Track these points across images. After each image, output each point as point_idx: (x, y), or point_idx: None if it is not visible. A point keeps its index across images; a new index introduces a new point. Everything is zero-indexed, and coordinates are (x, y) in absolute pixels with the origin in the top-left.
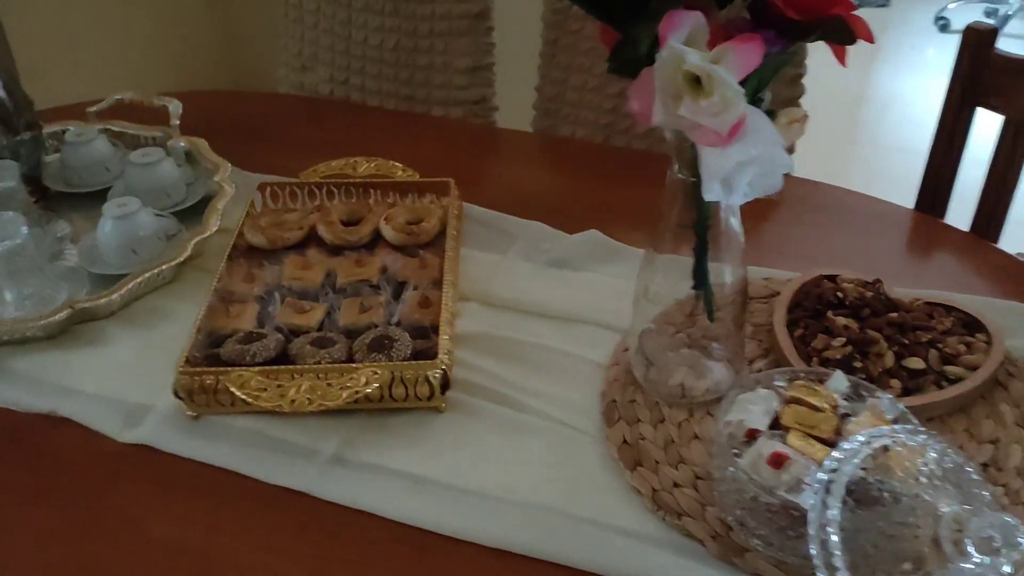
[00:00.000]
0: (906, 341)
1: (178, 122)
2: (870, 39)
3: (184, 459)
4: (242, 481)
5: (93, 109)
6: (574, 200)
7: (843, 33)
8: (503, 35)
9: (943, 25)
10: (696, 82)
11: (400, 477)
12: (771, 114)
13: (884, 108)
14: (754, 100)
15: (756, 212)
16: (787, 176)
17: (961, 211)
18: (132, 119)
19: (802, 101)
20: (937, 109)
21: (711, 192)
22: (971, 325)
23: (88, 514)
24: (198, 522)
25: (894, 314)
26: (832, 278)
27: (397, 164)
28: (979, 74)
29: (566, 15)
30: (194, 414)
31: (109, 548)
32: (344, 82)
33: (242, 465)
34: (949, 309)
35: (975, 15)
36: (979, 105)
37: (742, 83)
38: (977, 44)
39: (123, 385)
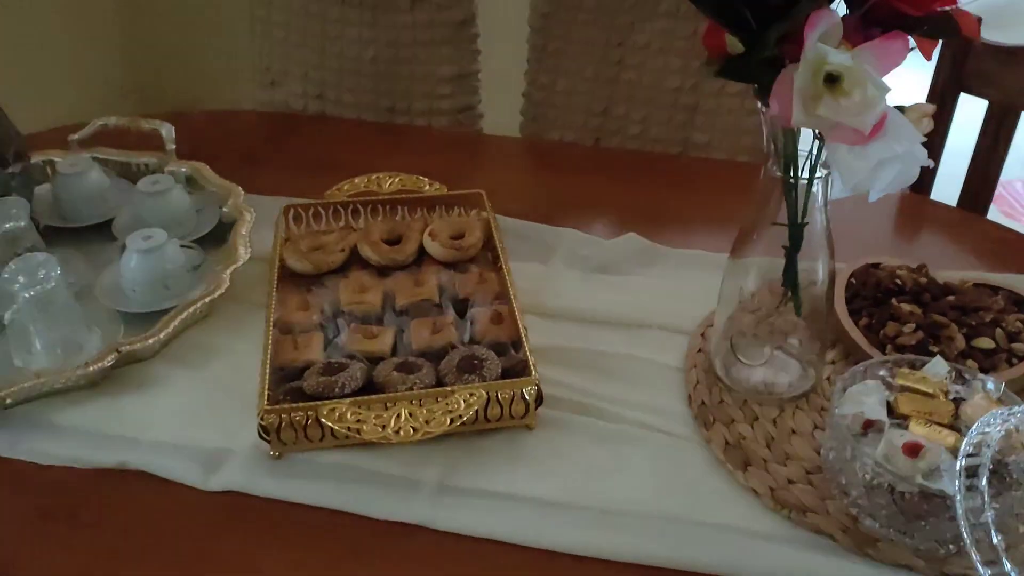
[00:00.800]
0: (972, 322)
1: (174, 147)
2: (976, 35)
3: (279, 502)
4: (347, 518)
5: (75, 137)
6: (581, 203)
7: (950, 28)
8: (486, 42)
9: None
10: (834, 82)
11: (511, 499)
12: (899, 110)
13: None
14: None
15: (737, 204)
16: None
17: (946, 194)
18: (111, 145)
19: None
20: (914, 97)
21: (847, 191)
22: (1018, 303)
23: (199, 568)
24: (316, 565)
25: (951, 297)
26: (876, 266)
27: (422, 178)
28: (963, 61)
29: (553, 20)
30: (277, 454)
31: None
32: (318, 96)
33: (345, 502)
34: (995, 289)
35: None
36: (963, 91)
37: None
38: None
39: (190, 430)
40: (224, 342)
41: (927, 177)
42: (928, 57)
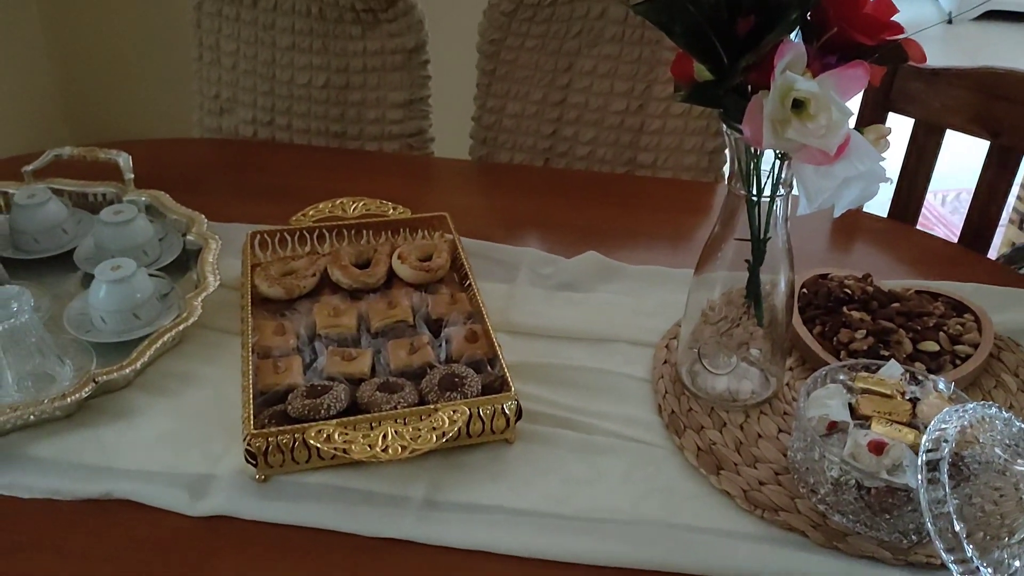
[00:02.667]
0: (917, 327)
1: (132, 176)
2: (923, 60)
3: (267, 524)
4: (335, 537)
5: (30, 168)
6: (534, 223)
7: (898, 55)
8: (435, 67)
9: None
10: (800, 107)
11: (495, 512)
12: (859, 133)
13: None
14: None
15: (685, 220)
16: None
17: (875, 209)
18: (64, 175)
19: None
20: None
21: (814, 204)
22: (957, 308)
23: None
24: None
25: (897, 304)
26: (824, 276)
27: (386, 202)
28: (891, 81)
29: (502, 45)
30: (263, 477)
31: None
32: (268, 123)
33: (334, 521)
34: (935, 296)
35: None
36: (891, 110)
37: None
38: None
39: (172, 456)
40: (198, 369)
41: None
42: (876, 83)
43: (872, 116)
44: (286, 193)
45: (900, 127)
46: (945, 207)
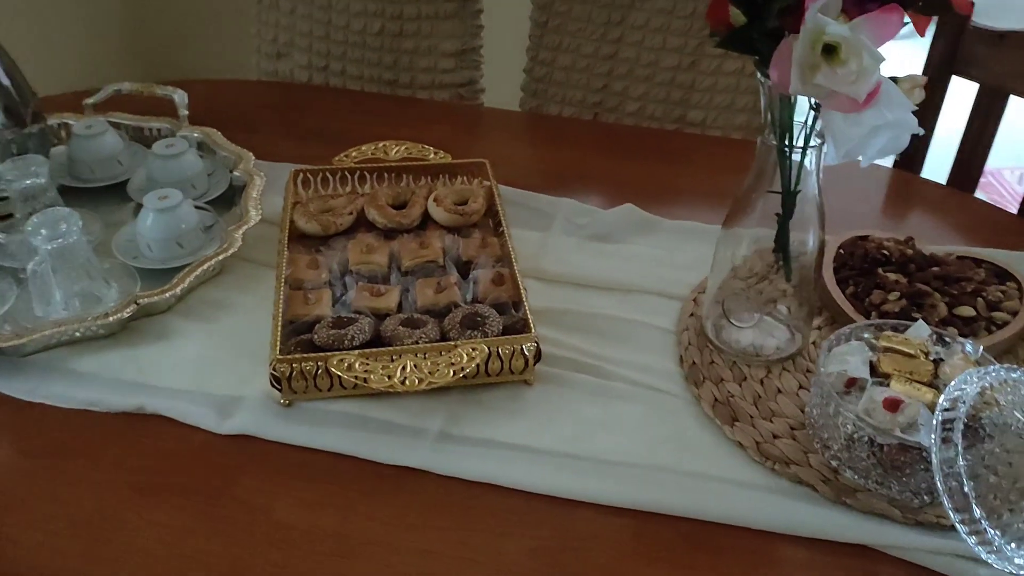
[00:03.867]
0: (954, 292)
1: (187, 112)
2: (968, 10)
3: (290, 446)
4: (355, 463)
5: (90, 101)
6: (577, 176)
7: (942, 4)
8: (489, 17)
9: None
10: (831, 52)
11: (511, 448)
12: (893, 80)
13: None
14: None
15: (730, 179)
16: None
17: (936, 174)
18: (124, 110)
19: None
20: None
21: (838, 157)
22: (1000, 275)
23: (213, 508)
24: (328, 505)
25: (936, 268)
26: (864, 238)
27: (428, 147)
28: (955, 45)
29: None
30: (287, 402)
31: (245, 538)
32: (323, 68)
33: (353, 447)
34: (978, 262)
35: None
36: (955, 74)
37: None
38: (954, 16)
39: (204, 378)
40: (235, 298)
41: (918, 156)
42: (922, 33)
43: (935, 78)
44: (335, 136)
45: (965, 92)
46: (1022, 185)
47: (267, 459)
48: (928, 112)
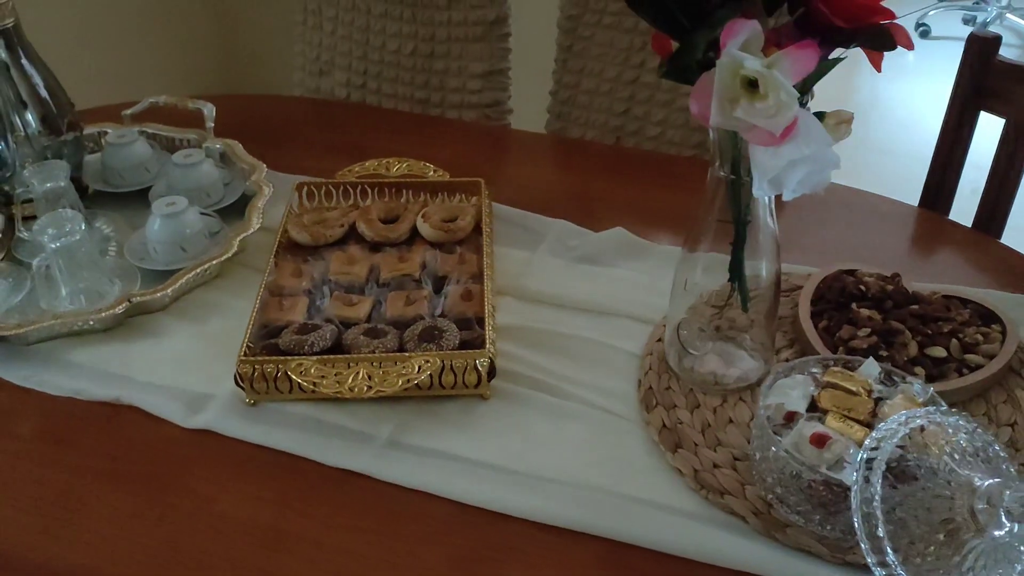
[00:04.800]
0: (928, 331)
1: (212, 124)
2: (909, 46)
3: (246, 444)
4: (303, 464)
5: (128, 112)
6: (590, 198)
7: (884, 40)
8: (517, 41)
9: (923, 31)
10: (752, 86)
11: (453, 460)
12: (819, 115)
13: (868, 113)
14: (800, 102)
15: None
16: None
17: (963, 211)
18: (164, 121)
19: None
20: (921, 113)
21: (761, 189)
22: (986, 317)
23: (164, 496)
24: (267, 501)
25: (915, 306)
26: (851, 272)
27: (428, 164)
28: (982, 79)
29: (579, 22)
30: (252, 401)
31: (187, 527)
32: (360, 86)
33: (303, 449)
34: (965, 302)
35: (954, 22)
36: (982, 109)
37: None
38: (980, 51)
39: (182, 375)
40: (228, 301)
41: (944, 192)
42: (877, 68)
43: (961, 114)
44: (359, 152)
45: (992, 128)
46: None
47: (223, 454)
48: (957, 149)
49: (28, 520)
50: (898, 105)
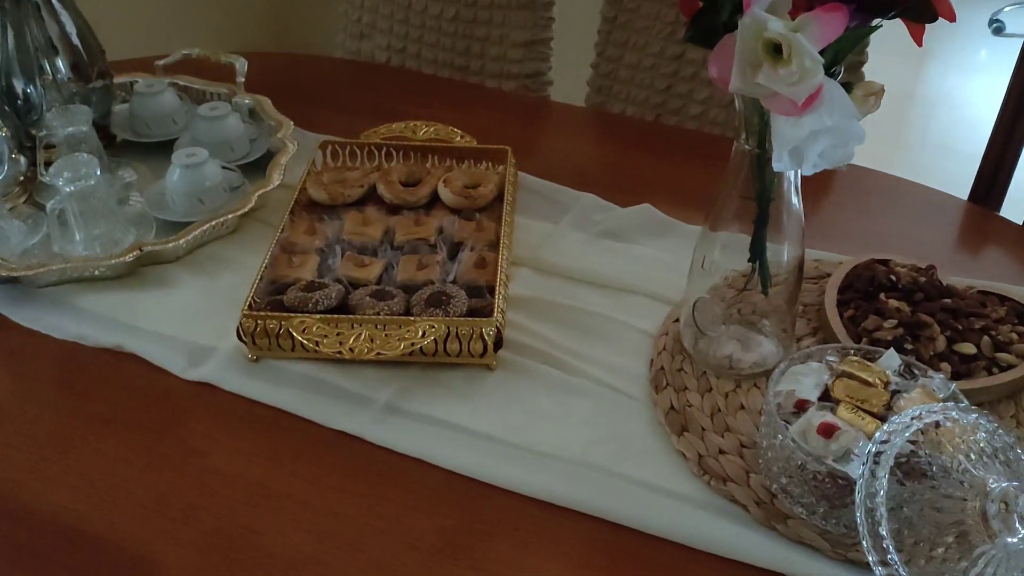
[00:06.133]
0: (959, 327)
1: (243, 79)
2: (952, 17)
3: (244, 399)
4: (300, 423)
5: (161, 63)
6: (624, 174)
7: (924, 10)
8: (561, 10)
9: (997, 28)
10: (775, 51)
11: (452, 429)
12: (847, 87)
13: (933, 108)
14: (829, 72)
15: (807, 195)
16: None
17: (1015, 211)
18: (197, 74)
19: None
20: (989, 111)
21: (781, 161)
22: (1022, 315)
23: (155, 446)
24: (258, 458)
25: (947, 300)
26: (884, 262)
27: (456, 130)
28: None
29: None
30: (254, 357)
31: (175, 479)
32: (401, 50)
33: (301, 408)
34: (1003, 299)
35: None
36: None
37: (820, 53)
38: None
39: (187, 326)
40: (240, 256)
41: (996, 189)
42: (918, 42)
43: (1017, 110)
44: (392, 116)
45: None
46: None
47: (219, 408)
48: (1011, 146)
49: (19, 457)
50: (966, 102)
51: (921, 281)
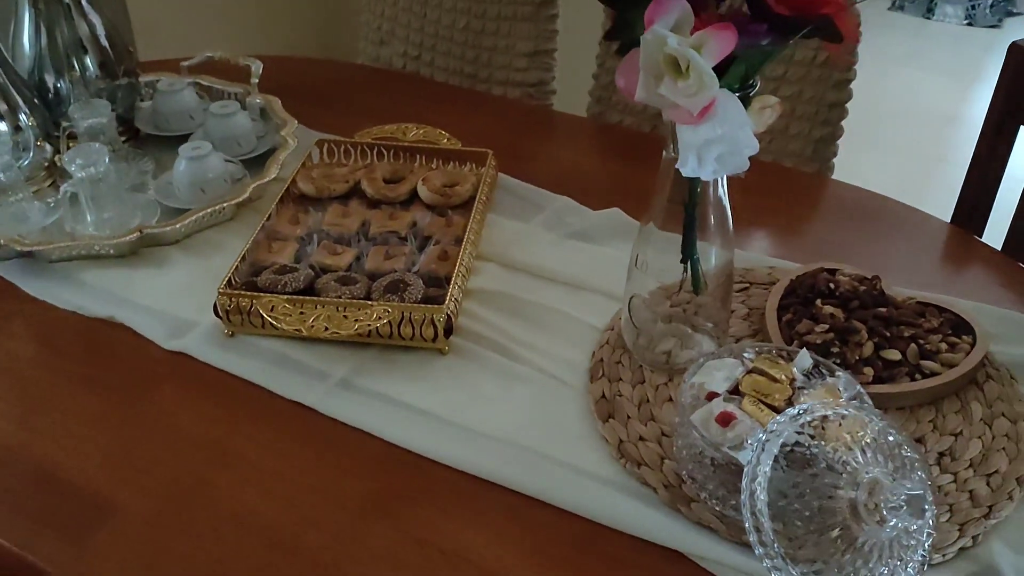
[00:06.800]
0: (888, 334)
1: (257, 80)
2: (855, 39)
3: (216, 369)
4: (262, 393)
5: (186, 64)
6: (607, 180)
7: (831, 32)
8: (567, 24)
9: None
10: (676, 65)
11: (399, 406)
12: (745, 100)
13: (976, 129)
14: (745, 85)
15: (793, 211)
16: (832, 180)
17: (1000, 229)
18: (220, 75)
19: (883, 113)
20: (973, 116)
21: (685, 165)
22: (960, 327)
23: (131, 406)
24: (220, 422)
25: (882, 309)
26: (833, 271)
27: (443, 132)
28: (1020, 90)
29: None
30: (230, 332)
31: (145, 436)
32: (416, 57)
33: (264, 379)
34: (942, 310)
35: None
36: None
37: (726, 69)
38: (1022, 61)
39: (175, 302)
40: (233, 242)
41: (980, 208)
42: (835, 59)
43: (999, 126)
44: (395, 118)
45: None
46: None
47: (193, 376)
48: (992, 164)
49: (8, 409)
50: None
51: (860, 290)
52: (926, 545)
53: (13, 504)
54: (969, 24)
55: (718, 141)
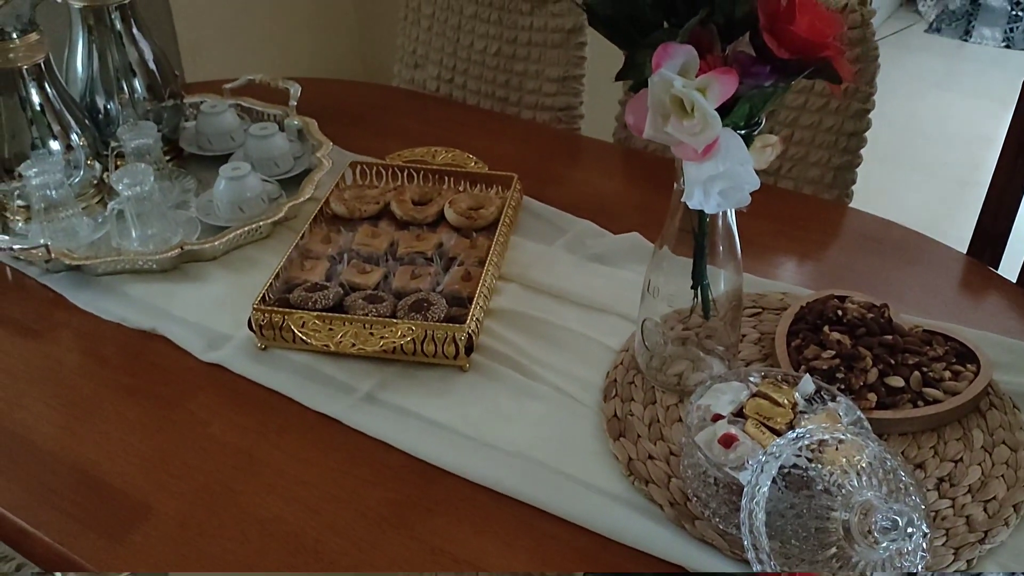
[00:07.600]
0: (892, 361)
1: (295, 103)
2: (852, 79)
3: (249, 381)
4: (291, 404)
5: (228, 86)
6: (629, 205)
7: (831, 74)
8: (596, 50)
9: None
10: (682, 105)
11: (420, 420)
12: (748, 139)
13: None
14: (750, 123)
15: (811, 238)
16: (850, 208)
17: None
18: (260, 97)
19: (917, 135)
20: (992, 142)
21: (691, 198)
22: (965, 356)
23: (168, 414)
24: (250, 430)
25: (888, 336)
26: (842, 298)
27: (471, 156)
28: None
29: None
30: (263, 346)
31: (178, 442)
32: (450, 80)
33: (293, 391)
34: (948, 339)
35: None
36: None
37: (731, 109)
38: None
39: (212, 316)
40: (269, 259)
41: (997, 234)
42: (837, 96)
43: (1019, 148)
44: (427, 140)
45: None
46: None
47: (226, 387)
48: (1008, 193)
49: (55, 416)
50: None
51: (868, 317)
52: (920, 567)
53: (56, 504)
54: (1007, 46)
55: (721, 177)
